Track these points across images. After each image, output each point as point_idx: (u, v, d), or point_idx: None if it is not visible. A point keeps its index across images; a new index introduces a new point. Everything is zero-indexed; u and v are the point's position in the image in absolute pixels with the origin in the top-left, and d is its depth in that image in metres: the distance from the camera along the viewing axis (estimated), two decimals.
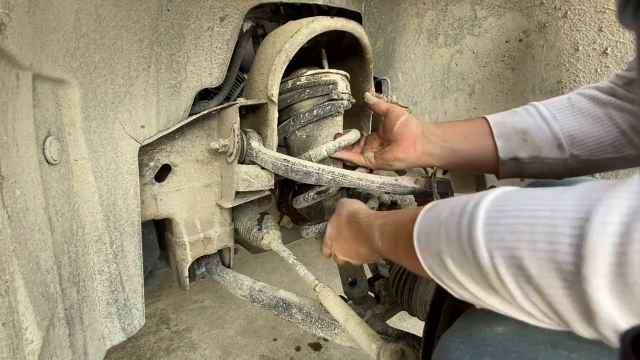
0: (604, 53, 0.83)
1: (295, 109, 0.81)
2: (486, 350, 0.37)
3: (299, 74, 0.79)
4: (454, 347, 0.41)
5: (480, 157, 0.68)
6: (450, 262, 0.34)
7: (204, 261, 1.01)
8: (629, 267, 0.23)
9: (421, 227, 0.40)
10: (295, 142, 0.84)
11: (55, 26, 0.49)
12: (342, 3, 0.91)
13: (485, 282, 0.32)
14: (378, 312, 0.80)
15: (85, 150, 0.59)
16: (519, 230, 0.28)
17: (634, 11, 0.34)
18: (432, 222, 0.38)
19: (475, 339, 0.39)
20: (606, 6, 0.80)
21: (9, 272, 0.35)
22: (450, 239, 0.34)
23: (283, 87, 0.79)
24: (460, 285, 0.35)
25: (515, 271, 0.29)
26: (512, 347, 0.36)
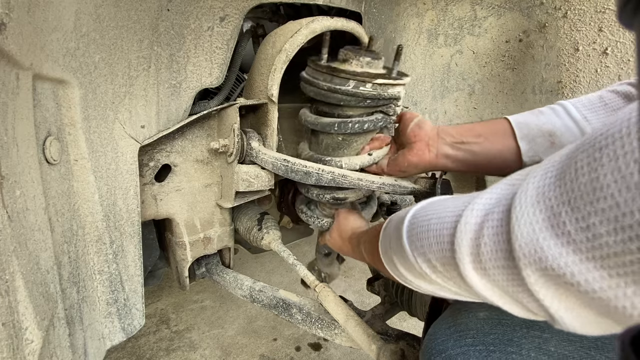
0: (604, 53, 0.83)
1: (344, 110, 0.71)
2: (468, 334, 0.42)
3: (364, 77, 0.65)
4: (440, 332, 0.45)
5: (501, 160, 0.63)
6: (399, 265, 0.42)
7: (204, 261, 1.01)
8: (481, 255, 0.30)
9: (382, 242, 0.47)
10: (328, 140, 0.75)
11: (55, 26, 0.49)
12: (342, 3, 0.91)
13: (422, 277, 0.39)
14: (378, 312, 0.80)
15: (85, 150, 0.59)
16: (423, 237, 0.36)
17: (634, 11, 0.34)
18: (386, 237, 0.46)
19: (459, 324, 0.44)
20: (606, 6, 0.80)
21: (9, 272, 0.35)
22: (395, 249, 0.42)
23: (338, 84, 0.65)
24: (410, 282, 0.42)
25: (429, 265, 0.36)
26: (491, 330, 0.41)
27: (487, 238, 0.29)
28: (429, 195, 0.80)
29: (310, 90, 0.70)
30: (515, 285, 0.28)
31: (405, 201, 1.05)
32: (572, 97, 0.90)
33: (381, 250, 0.47)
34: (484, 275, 0.30)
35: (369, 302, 1.62)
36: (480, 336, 0.41)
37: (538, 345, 0.37)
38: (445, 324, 0.46)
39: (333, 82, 0.66)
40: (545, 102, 0.95)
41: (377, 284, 0.92)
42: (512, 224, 0.27)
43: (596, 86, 0.86)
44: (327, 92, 0.67)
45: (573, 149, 0.26)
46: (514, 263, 0.27)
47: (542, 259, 0.25)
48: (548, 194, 0.25)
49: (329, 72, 0.66)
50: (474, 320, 0.43)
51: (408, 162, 0.70)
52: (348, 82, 0.65)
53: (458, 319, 0.45)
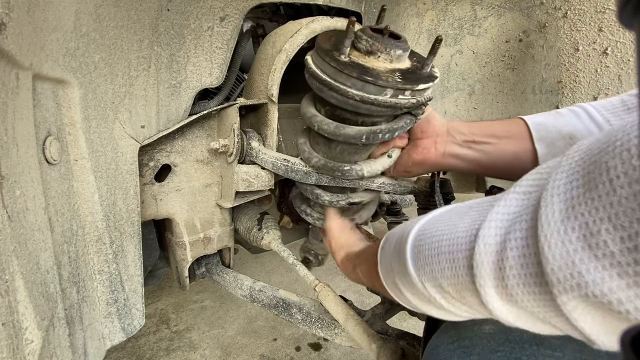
0: (604, 53, 0.83)
1: (372, 118, 0.60)
2: (473, 350, 0.39)
3: (404, 86, 0.53)
4: (443, 347, 0.42)
5: (514, 163, 0.58)
6: (405, 290, 0.39)
7: (204, 261, 1.01)
8: (506, 280, 0.26)
9: (381, 267, 0.44)
10: (345, 146, 0.66)
11: (55, 26, 0.49)
12: (342, 3, 0.91)
13: (429, 302, 0.36)
14: (378, 312, 0.80)
15: (85, 150, 0.59)
16: (433, 261, 0.33)
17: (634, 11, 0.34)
18: (386, 261, 0.43)
19: (464, 339, 0.41)
20: (606, 6, 0.80)
21: (9, 272, 0.35)
22: (399, 273, 0.39)
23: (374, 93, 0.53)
24: (417, 307, 0.40)
25: (440, 291, 0.33)
26: (498, 347, 0.38)
27: (512, 260, 0.26)
28: (429, 195, 0.80)
29: (331, 97, 0.56)
30: (549, 311, 0.25)
31: (406, 201, 1.05)
32: (572, 97, 0.91)
33: (381, 274, 0.43)
34: (509, 300, 0.27)
35: (369, 302, 1.62)
36: (486, 353, 0.38)
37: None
38: (449, 338, 0.43)
39: (366, 91, 0.53)
40: (545, 102, 0.95)
41: None
42: (541, 244, 0.24)
43: (596, 86, 0.86)
44: (358, 103, 0.54)
45: (595, 150, 0.23)
46: (547, 289, 0.24)
47: (580, 285, 0.21)
48: (579, 208, 0.22)
49: (360, 78, 0.52)
50: (479, 334, 0.40)
51: (413, 161, 0.65)
52: (385, 91, 0.52)
53: (462, 333, 0.42)
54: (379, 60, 0.55)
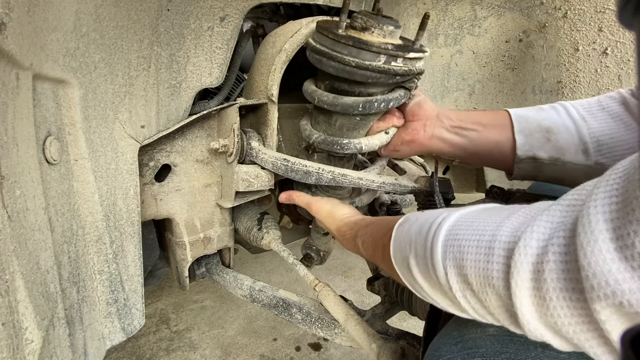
0: (604, 53, 0.83)
1: (367, 88, 0.64)
2: (477, 352, 0.39)
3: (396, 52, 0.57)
4: (446, 349, 0.42)
5: (495, 151, 0.62)
6: (416, 271, 0.39)
7: (204, 261, 1.01)
8: (543, 282, 0.27)
9: (395, 242, 0.44)
10: (344, 120, 0.69)
11: (55, 26, 0.49)
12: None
13: (441, 289, 0.37)
14: (378, 312, 0.80)
15: (85, 150, 0.59)
16: (467, 252, 0.33)
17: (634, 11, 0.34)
18: (403, 238, 0.43)
19: (467, 340, 0.41)
20: (606, 6, 0.81)
21: (9, 272, 0.35)
22: (417, 254, 0.39)
23: (368, 59, 0.57)
24: (423, 289, 0.40)
25: (463, 284, 0.34)
26: (503, 348, 0.38)
27: (552, 264, 0.27)
28: (429, 194, 0.80)
29: (330, 66, 0.60)
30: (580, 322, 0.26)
31: (405, 201, 1.05)
32: (572, 97, 0.91)
33: (393, 249, 0.44)
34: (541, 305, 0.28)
35: (369, 302, 1.62)
36: (490, 355, 0.38)
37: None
38: (452, 340, 0.43)
39: (361, 57, 0.57)
40: (545, 102, 0.95)
41: (377, 284, 0.92)
42: (579, 252, 0.25)
43: (596, 86, 0.86)
44: (354, 69, 0.58)
45: (632, 168, 0.24)
46: (582, 296, 0.25)
47: (616, 292, 0.22)
48: (617, 221, 0.23)
49: (355, 45, 0.57)
50: (482, 336, 0.41)
51: (402, 140, 0.68)
52: (379, 57, 0.57)
53: (465, 335, 0.42)
54: (372, 35, 0.59)
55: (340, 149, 0.70)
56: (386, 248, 0.45)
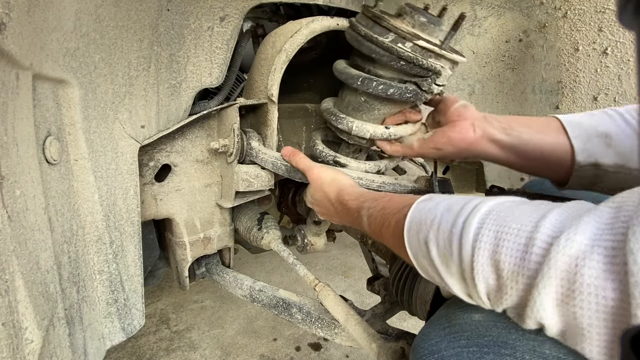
0: (604, 53, 0.83)
1: (376, 68, 0.64)
2: (462, 335, 0.42)
3: (407, 35, 0.57)
4: (434, 333, 0.45)
5: (550, 156, 0.57)
6: (434, 247, 0.40)
7: (204, 261, 1.01)
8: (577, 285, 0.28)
9: (414, 216, 0.44)
10: (351, 97, 0.69)
11: (55, 26, 0.49)
12: (342, 3, 0.91)
13: (457, 269, 0.38)
14: (378, 312, 0.80)
15: (85, 150, 0.59)
16: (505, 239, 0.34)
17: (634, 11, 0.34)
18: (426, 213, 0.43)
19: (454, 325, 0.44)
20: (606, 6, 0.80)
21: (9, 272, 0.35)
22: (441, 231, 0.39)
23: (377, 33, 0.58)
24: (433, 267, 0.41)
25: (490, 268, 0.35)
26: (487, 332, 0.40)
27: (596, 263, 0.27)
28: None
29: (348, 34, 0.64)
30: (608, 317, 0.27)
31: None
32: (572, 97, 0.91)
33: (408, 225, 0.44)
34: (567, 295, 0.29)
35: (369, 302, 1.63)
36: (474, 338, 0.41)
37: (532, 347, 0.36)
38: (439, 325, 0.45)
39: (373, 30, 0.59)
40: (545, 102, 0.95)
41: (377, 284, 0.92)
42: (629, 257, 0.25)
43: (596, 86, 0.86)
44: (362, 39, 0.60)
45: None
46: (623, 297, 0.26)
47: None
48: None
49: (372, 18, 0.59)
50: (468, 321, 0.43)
51: (448, 138, 0.63)
52: (388, 34, 0.57)
53: (452, 320, 0.45)
54: (403, 21, 0.60)
55: (334, 120, 0.71)
56: (400, 223, 0.45)
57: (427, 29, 0.60)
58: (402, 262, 0.82)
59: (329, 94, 0.79)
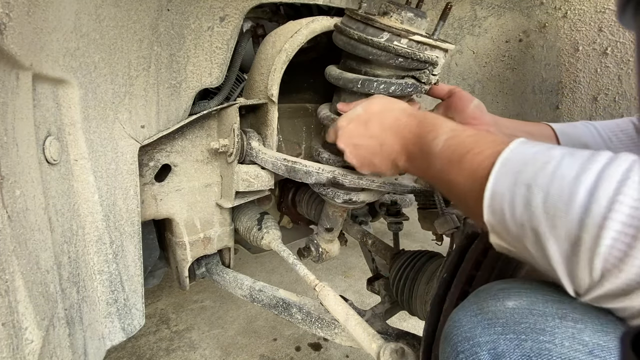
0: (604, 53, 0.83)
1: (372, 68, 0.65)
2: (497, 322, 0.39)
3: (400, 31, 0.58)
4: (466, 319, 0.41)
5: None
6: (540, 197, 0.33)
7: (204, 261, 1.01)
8: None
9: (515, 154, 0.37)
10: (350, 100, 0.70)
11: (55, 26, 0.48)
12: (342, 3, 0.91)
13: (570, 231, 0.31)
14: (378, 312, 0.80)
15: (85, 150, 0.59)
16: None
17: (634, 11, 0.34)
18: (534, 154, 0.36)
19: (487, 312, 0.40)
20: (606, 6, 0.80)
21: (9, 272, 0.35)
22: (558, 178, 0.32)
23: (371, 34, 0.59)
24: (530, 222, 0.34)
25: (625, 232, 0.28)
26: (523, 319, 0.37)
27: None
28: (429, 194, 0.80)
29: (340, 40, 0.64)
30: None
31: (405, 201, 1.05)
32: (572, 97, 0.91)
33: (503, 166, 0.36)
34: None
35: (369, 302, 1.63)
36: (510, 325, 0.38)
37: (572, 335, 0.34)
38: (471, 312, 0.42)
39: (365, 32, 0.59)
40: (545, 102, 0.95)
41: (377, 284, 0.92)
42: None
43: (596, 86, 0.86)
44: (356, 43, 0.60)
45: None
46: None
47: None
48: None
49: (363, 21, 0.59)
50: (502, 309, 0.40)
51: None
52: (382, 34, 0.58)
53: (484, 307, 0.42)
54: (390, 19, 0.60)
55: (328, 122, 0.71)
56: (495, 155, 0.38)
57: (415, 23, 0.61)
58: (402, 262, 0.82)
59: (329, 94, 0.79)
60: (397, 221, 1.08)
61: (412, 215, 1.16)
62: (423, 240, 2.18)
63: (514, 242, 0.37)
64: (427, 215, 1.01)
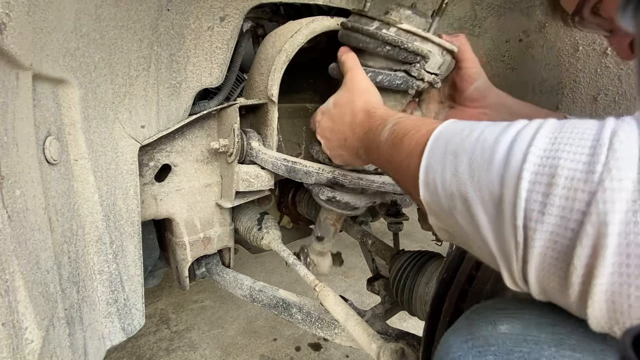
0: (604, 53, 0.83)
1: (365, 59, 0.66)
2: (489, 350, 0.37)
3: (390, 21, 0.60)
4: (457, 346, 0.40)
5: None
6: (465, 161, 0.32)
7: (204, 261, 1.01)
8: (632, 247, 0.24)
9: (446, 129, 0.37)
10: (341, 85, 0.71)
11: (55, 26, 0.48)
12: (342, 3, 0.91)
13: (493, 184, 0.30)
14: (378, 312, 0.80)
15: (85, 150, 0.59)
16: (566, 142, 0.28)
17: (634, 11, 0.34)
18: (462, 127, 0.36)
19: (479, 338, 0.39)
20: None
21: (9, 272, 0.35)
22: (481, 141, 0.32)
23: (363, 23, 0.62)
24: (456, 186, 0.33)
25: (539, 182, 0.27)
26: (516, 347, 0.36)
27: None
28: None
29: (340, 33, 0.68)
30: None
31: (405, 201, 1.05)
32: (571, 97, 0.91)
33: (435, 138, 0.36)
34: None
35: (369, 302, 1.63)
36: (502, 353, 0.36)
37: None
38: (462, 337, 0.41)
39: (359, 22, 0.63)
40: (546, 102, 0.95)
41: (377, 284, 0.92)
42: None
43: (596, 86, 0.86)
44: (349, 32, 0.64)
45: None
46: None
47: None
48: None
49: (358, 12, 0.64)
50: (494, 334, 0.39)
51: None
52: (372, 23, 0.61)
53: (476, 332, 0.40)
54: (389, 16, 0.62)
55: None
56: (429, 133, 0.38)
57: (414, 20, 0.62)
58: (402, 262, 0.82)
59: (329, 94, 0.79)
60: (397, 221, 1.08)
61: (412, 215, 1.16)
62: (423, 240, 2.18)
63: (447, 219, 0.36)
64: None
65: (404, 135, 0.42)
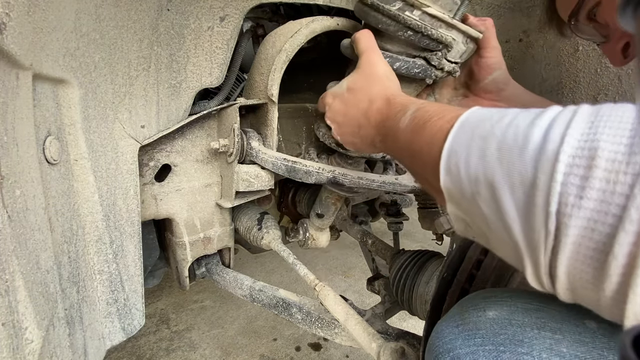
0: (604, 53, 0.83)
1: (383, 42, 0.60)
2: (477, 333, 0.40)
3: (415, 3, 0.54)
4: (447, 331, 0.43)
5: None
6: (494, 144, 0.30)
7: (204, 261, 1.01)
8: None
9: (473, 114, 0.35)
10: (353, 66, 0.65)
11: (55, 26, 0.48)
12: (343, 3, 0.91)
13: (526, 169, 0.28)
14: (378, 312, 0.80)
15: (85, 150, 0.59)
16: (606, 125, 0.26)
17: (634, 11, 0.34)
18: (492, 113, 0.34)
19: (468, 323, 0.42)
20: None
21: (9, 272, 0.35)
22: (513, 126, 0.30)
23: (384, 1, 0.55)
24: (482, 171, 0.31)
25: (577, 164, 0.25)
26: (502, 330, 0.39)
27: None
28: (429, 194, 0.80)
29: (356, 7, 0.61)
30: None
31: (405, 201, 1.05)
32: (572, 97, 0.91)
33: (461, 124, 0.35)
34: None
35: (369, 302, 1.63)
36: (489, 336, 0.39)
37: (550, 346, 0.34)
38: (453, 323, 0.44)
39: (380, 0, 0.55)
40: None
41: (377, 284, 0.92)
42: None
43: (596, 86, 0.86)
44: (368, 9, 0.57)
45: None
46: None
47: None
48: None
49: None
50: (483, 319, 0.41)
51: None
52: (395, 2, 0.54)
53: (466, 318, 0.43)
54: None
55: None
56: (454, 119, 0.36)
57: (440, 1, 0.55)
58: (402, 261, 0.82)
59: None
60: (397, 221, 1.08)
61: (412, 215, 1.16)
62: (423, 240, 2.18)
63: (468, 206, 0.34)
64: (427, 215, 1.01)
65: (427, 122, 0.40)
